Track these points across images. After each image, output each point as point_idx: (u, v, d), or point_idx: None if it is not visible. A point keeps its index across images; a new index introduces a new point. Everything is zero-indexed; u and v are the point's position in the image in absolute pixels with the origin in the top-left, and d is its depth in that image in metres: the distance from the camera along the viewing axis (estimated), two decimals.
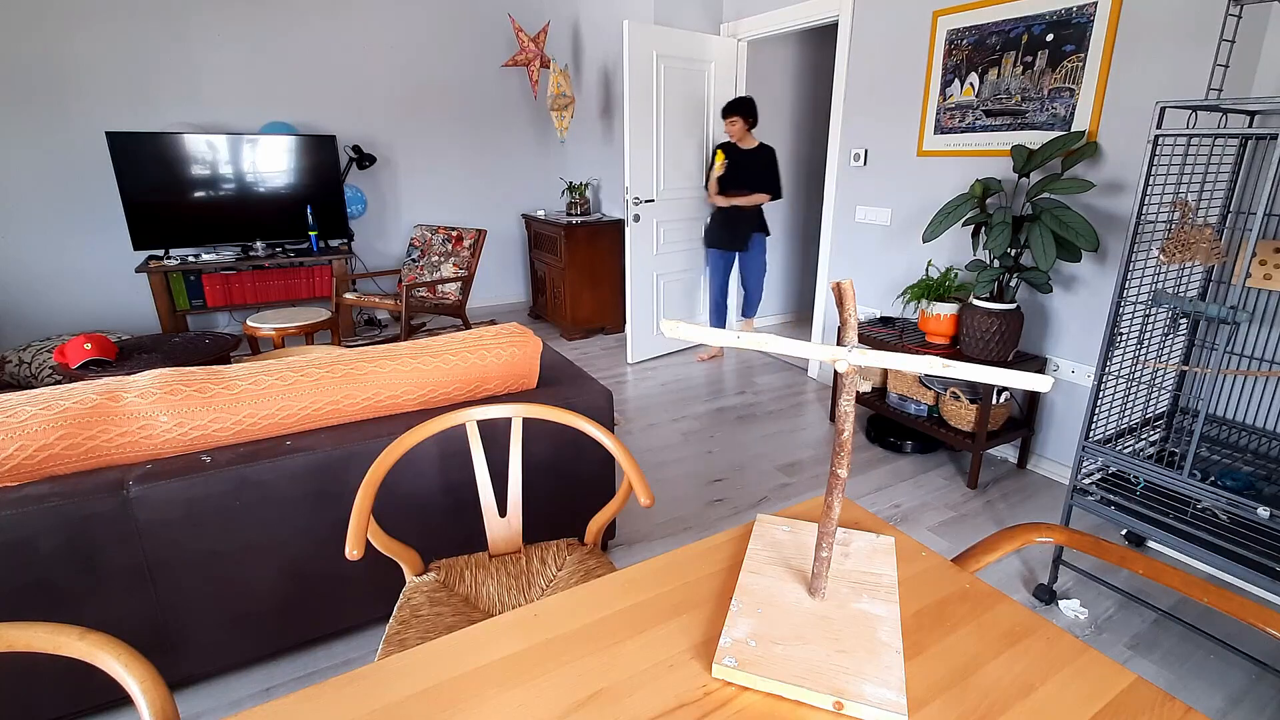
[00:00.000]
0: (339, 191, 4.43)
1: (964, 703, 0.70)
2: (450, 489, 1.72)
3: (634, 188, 3.74)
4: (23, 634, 0.79)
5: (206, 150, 4.04)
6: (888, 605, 0.83)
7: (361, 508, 1.14)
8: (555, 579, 1.33)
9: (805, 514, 1.05)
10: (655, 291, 4.12)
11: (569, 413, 1.36)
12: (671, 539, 2.27)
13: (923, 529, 2.34)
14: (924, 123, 2.97)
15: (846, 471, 0.77)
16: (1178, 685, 1.66)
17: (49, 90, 3.79)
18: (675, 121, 3.88)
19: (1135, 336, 2.02)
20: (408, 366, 1.66)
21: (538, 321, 5.21)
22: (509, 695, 0.71)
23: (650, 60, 3.61)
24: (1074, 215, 2.23)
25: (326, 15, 4.42)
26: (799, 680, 0.71)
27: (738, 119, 3.65)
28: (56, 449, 1.33)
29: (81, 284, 4.13)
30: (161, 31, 3.99)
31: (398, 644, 1.12)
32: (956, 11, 2.75)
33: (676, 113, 3.86)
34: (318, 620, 1.67)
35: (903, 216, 3.17)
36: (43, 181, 3.89)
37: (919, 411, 2.83)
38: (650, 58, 3.60)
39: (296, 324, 3.34)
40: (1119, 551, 0.98)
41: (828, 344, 0.69)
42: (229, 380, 1.50)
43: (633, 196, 3.74)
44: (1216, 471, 1.90)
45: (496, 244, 5.52)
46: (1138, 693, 0.71)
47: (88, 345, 2.55)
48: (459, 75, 4.97)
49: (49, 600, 1.35)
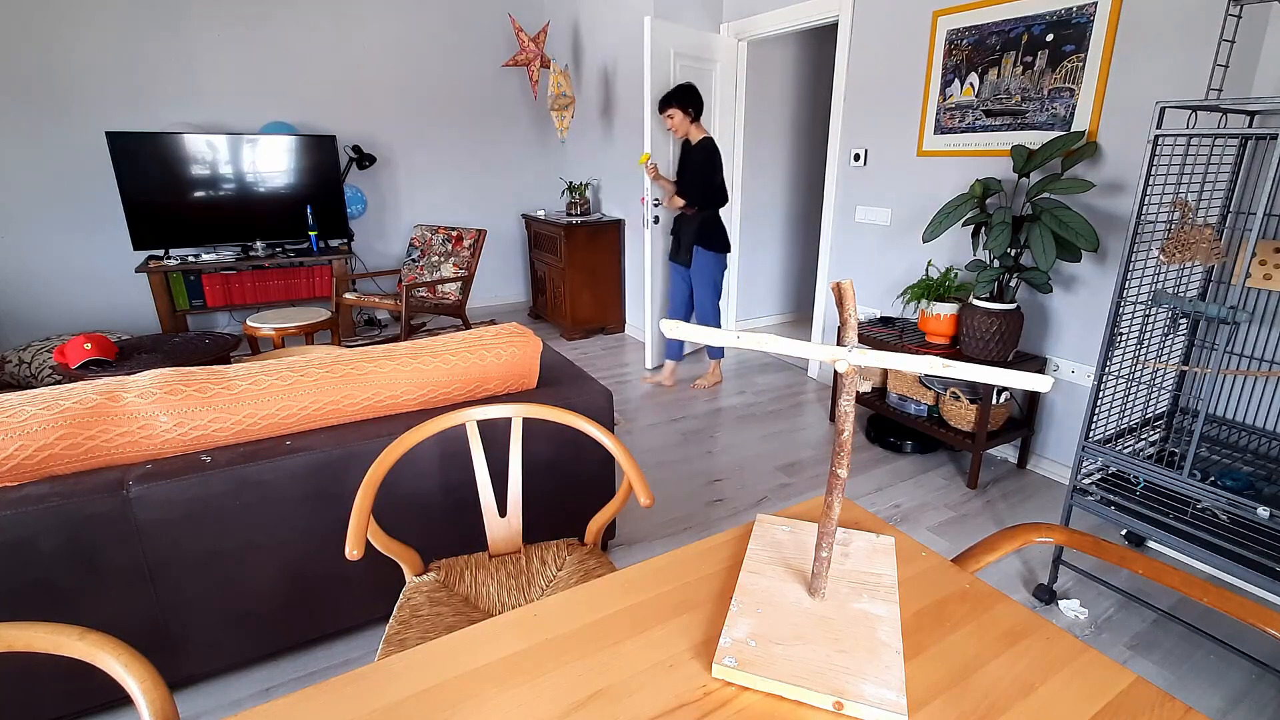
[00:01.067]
0: (339, 191, 4.43)
1: (964, 703, 0.70)
2: (450, 489, 1.72)
3: (653, 189, 3.66)
4: (23, 634, 0.79)
5: (206, 150, 4.04)
6: (888, 605, 0.83)
7: (361, 508, 1.14)
8: (555, 579, 1.33)
9: (805, 514, 1.05)
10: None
11: (569, 413, 1.36)
12: (671, 539, 2.27)
13: (923, 529, 2.34)
14: (924, 123, 2.97)
15: (846, 471, 0.77)
16: (1178, 685, 1.66)
17: (49, 90, 3.79)
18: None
19: (1135, 336, 2.02)
20: (408, 366, 1.66)
21: (538, 321, 5.21)
22: (509, 695, 0.71)
23: (668, 57, 3.53)
24: (1074, 215, 2.23)
25: (327, 15, 4.42)
26: (799, 680, 0.71)
27: (675, 111, 3.13)
28: (56, 449, 1.33)
29: (81, 284, 4.13)
30: (161, 31, 3.99)
31: (398, 644, 1.12)
32: (956, 11, 2.75)
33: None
34: (318, 620, 1.67)
35: (903, 216, 3.17)
36: (43, 181, 3.89)
37: (919, 411, 2.83)
38: (667, 54, 3.52)
39: (296, 324, 3.34)
40: (1119, 551, 0.98)
41: (828, 344, 0.69)
42: (229, 380, 1.50)
43: (652, 198, 3.66)
44: (1216, 471, 1.89)
45: (496, 244, 5.52)
46: (1138, 693, 0.71)
47: (88, 345, 2.55)
48: (459, 75, 4.97)
49: (49, 600, 1.35)
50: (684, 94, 3.07)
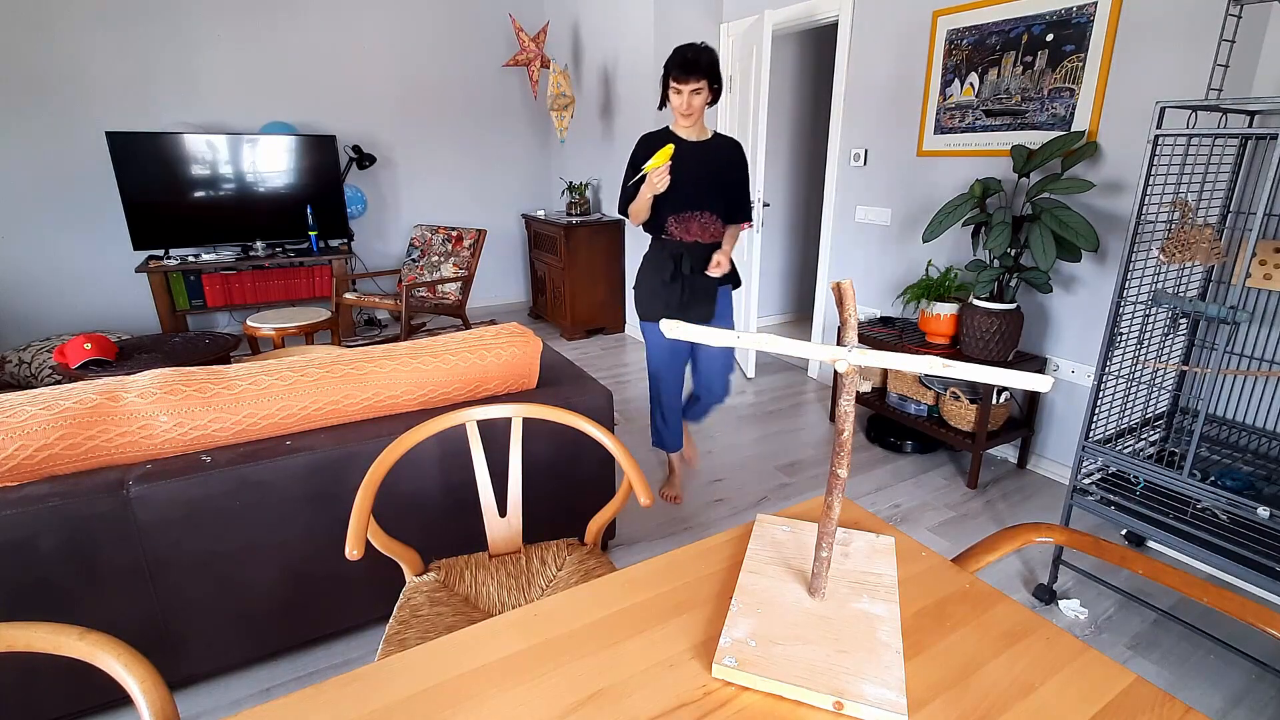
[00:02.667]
0: (339, 191, 4.43)
1: (964, 703, 0.70)
2: (450, 489, 1.72)
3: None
4: (23, 634, 0.79)
5: (206, 150, 4.04)
6: (888, 605, 0.83)
7: (361, 507, 1.14)
8: (555, 579, 1.33)
9: (805, 514, 1.05)
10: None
11: (569, 413, 1.36)
12: (671, 539, 2.27)
13: (923, 529, 2.34)
14: (924, 122, 2.97)
15: (846, 471, 0.77)
16: (1178, 685, 1.66)
17: (49, 90, 3.79)
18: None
19: (1135, 336, 2.02)
20: (408, 366, 1.66)
21: (538, 321, 5.21)
22: (509, 695, 0.71)
23: (763, 38, 3.23)
24: (1074, 215, 2.23)
25: (327, 15, 4.41)
26: (799, 680, 0.71)
27: (703, 84, 2.07)
28: (56, 449, 1.33)
29: (81, 284, 4.13)
30: (161, 31, 3.99)
31: (398, 644, 1.12)
32: (956, 11, 2.75)
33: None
34: (318, 620, 1.67)
35: (903, 216, 3.17)
36: (43, 181, 3.89)
37: (919, 411, 2.83)
38: (762, 35, 3.25)
39: (296, 324, 3.34)
40: (1119, 551, 0.98)
41: (828, 344, 0.69)
42: (229, 380, 1.50)
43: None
44: (1216, 471, 1.89)
45: (496, 244, 5.52)
46: (1138, 693, 0.71)
47: (88, 345, 2.55)
48: (459, 75, 4.97)
49: (49, 600, 1.35)
50: (716, 65, 2.09)
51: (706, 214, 2.19)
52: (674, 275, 2.22)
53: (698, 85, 2.05)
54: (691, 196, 2.16)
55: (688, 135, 2.17)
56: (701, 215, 2.18)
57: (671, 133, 2.18)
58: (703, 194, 2.17)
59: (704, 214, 2.19)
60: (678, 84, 2.06)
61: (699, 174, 2.15)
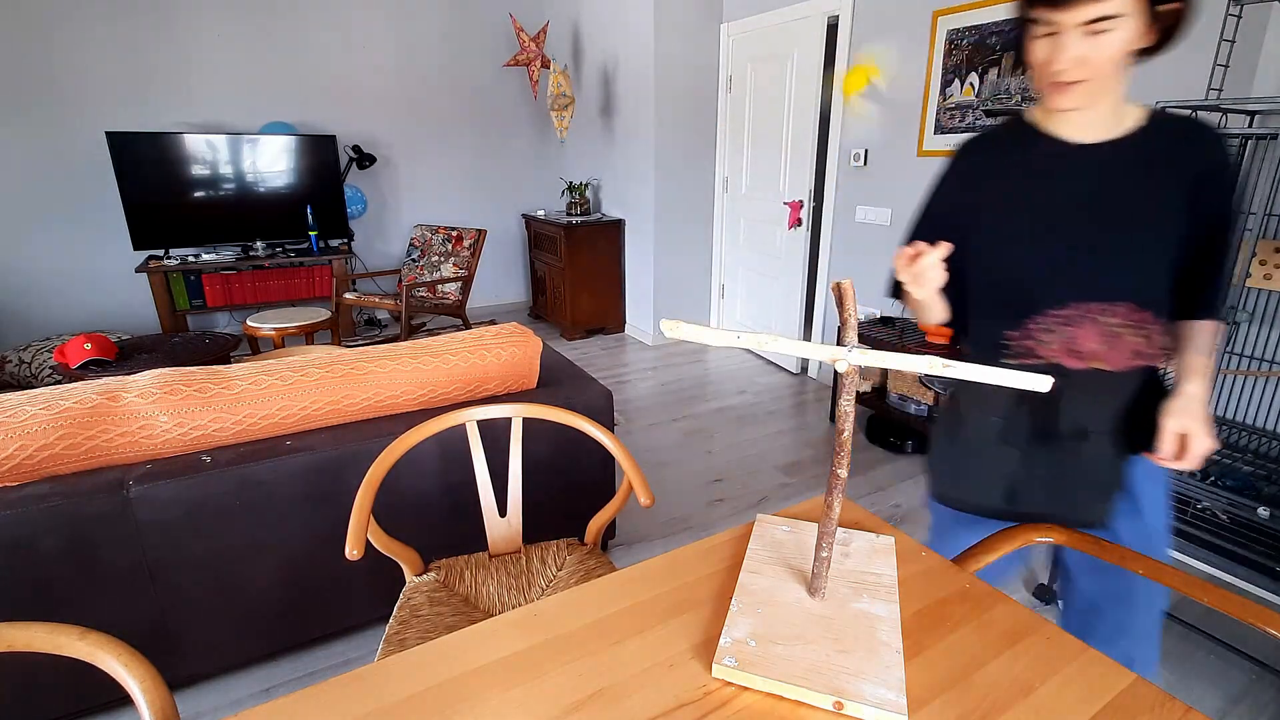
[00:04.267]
0: (339, 191, 4.43)
1: (964, 703, 0.70)
2: (450, 489, 1.72)
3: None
4: (23, 634, 0.79)
5: (206, 150, 4.04)
6: (888, 605, 0.83)
7: (361, 507, 1.14)
8: (555, 579, 1.33)
9: (805, 514, 1.05)
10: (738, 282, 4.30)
11: (569, 413, 1.36)
12: (671, 539, 2.27)
13: (923, 529, 2.33)
14: (924, 123, 2.97)
15: (846, 471, 0.77)
16: (1178, 685, 1.66)
17: (49, 90, 3.79)
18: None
19: None
20: (408, 366, 1.66)
21: (538, 321, 5.21)
22: (509, 695, 0.71)
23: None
24: None
25: (327, 14, 4.41)
26: (799, 680, 0.71)
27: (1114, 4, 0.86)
28: (57, 449, 1.33)
29: (81, 284, 4.13)
30: (161, 31, 3.99)
31: (398, 644, 1.12)
32: (956, 11, 2.75)
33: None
34: (318, 620, 1.67)
35: (903, 216, 3.17)
36: (43, 181, 3.89)
37: (919, 411, 2.83)
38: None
39: (296, 324, 3.34)
40: (1119, 551, 0.98)
41: (828, 344, 0.69)
42: (229, 380, 1.50)
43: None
44: (1216, 471, 1.89)
45: (496, 244, 5.52)
46: (1138, 693, 0.71)
47: (88, 345, 2.55)
48: (459, 75, 4.97)
49: (49, 600, 1.35)
50: None
51: (1119, 305, 0.97)
52: (1022, 425, 1.06)
53: (1100, 9, 0.87)
54: (1084, 264, 0.98)
55: (1075, 130, 1.03)
56: (1108, 307, 0.97)
57: (1029, 126, 1.05)
58: (1114, 255, 0.97)
59: (1113, 305, 0.97)
60: (1050, 9, 0.89)
61: (1108, 211, 0.98)
